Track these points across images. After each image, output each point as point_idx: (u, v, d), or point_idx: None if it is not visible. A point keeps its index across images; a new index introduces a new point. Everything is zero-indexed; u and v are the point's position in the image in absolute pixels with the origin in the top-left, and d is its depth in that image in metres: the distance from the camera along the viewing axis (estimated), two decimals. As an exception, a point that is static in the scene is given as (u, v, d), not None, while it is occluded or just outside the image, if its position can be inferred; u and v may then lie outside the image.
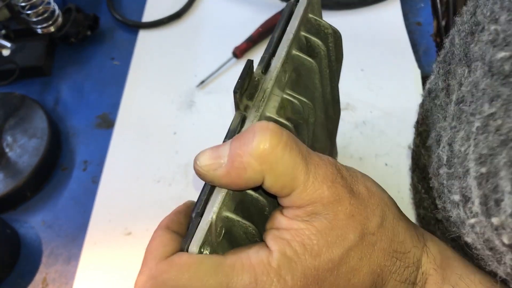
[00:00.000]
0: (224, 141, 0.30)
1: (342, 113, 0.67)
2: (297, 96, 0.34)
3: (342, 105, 0.67)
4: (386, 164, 0.62)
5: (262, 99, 0.32)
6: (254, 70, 0.32)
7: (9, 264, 0.60)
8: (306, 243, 0.27)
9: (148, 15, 0.82)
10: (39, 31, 0.75)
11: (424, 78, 0.68)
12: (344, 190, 0.28)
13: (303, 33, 0.35)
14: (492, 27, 0.27)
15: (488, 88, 0.26)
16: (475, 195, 0.26)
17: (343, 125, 0.65)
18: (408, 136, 0.63)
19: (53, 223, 0.63)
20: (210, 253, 0.28)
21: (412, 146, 0.48)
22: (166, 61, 0.77)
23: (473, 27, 0.29)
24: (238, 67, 0.73)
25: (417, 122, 0.44)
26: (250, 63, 0.31)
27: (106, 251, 0.60)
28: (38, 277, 0.59)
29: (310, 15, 0.36)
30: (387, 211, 0.30)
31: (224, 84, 0.72)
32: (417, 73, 0.68)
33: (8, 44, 0.78)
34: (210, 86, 0.72)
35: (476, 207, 0.27)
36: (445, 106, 0.34)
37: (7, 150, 0.66)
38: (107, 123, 0.71)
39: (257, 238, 0.30)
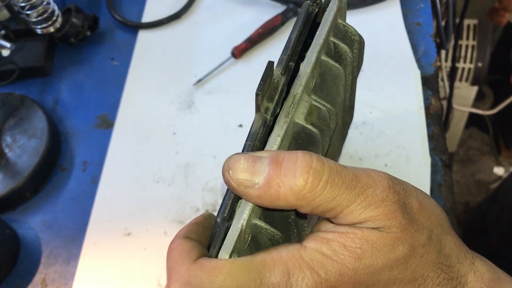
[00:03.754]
0: (246, 143, 0.30)
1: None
2: (323, 102, 0.33)
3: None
4: (385, 165, 0.62)
5: (292, 105, 0.31)
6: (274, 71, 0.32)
7: (8, 265, 0.60)
8: (348, 244, 0.27)
9: (148, 16, 0.82)
10: (39, 31, 0.75)
11: (424, 78, 0.68)
12: (396, 206, 0.28)
13: (331, 39, 0.35)
14: None
15: None
16: None
17: (343, 125, 0.65)
18: (408, 136, 0.63)
19: (52, 223, 0.63)
20: None
21: None
22: (166, 61, 0.77)
23: None
24: (237, 67, 0.73)
25: None
26: (271, 64, 0.30)
27: (106, 251, 0.60)
28: (38, 277, 0.59)
29: (339, 21, 0.36)
30: (436, 224, 0.30)
31: (223, 84, 0.72)
32: (417, 74, 0.68)
33: (8, 44, 0.78)
34: (209, 86, 0.72)
35: None
36: None
37: (6, 150, 0.66)
38: (107, 123, 0.71)
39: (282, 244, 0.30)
